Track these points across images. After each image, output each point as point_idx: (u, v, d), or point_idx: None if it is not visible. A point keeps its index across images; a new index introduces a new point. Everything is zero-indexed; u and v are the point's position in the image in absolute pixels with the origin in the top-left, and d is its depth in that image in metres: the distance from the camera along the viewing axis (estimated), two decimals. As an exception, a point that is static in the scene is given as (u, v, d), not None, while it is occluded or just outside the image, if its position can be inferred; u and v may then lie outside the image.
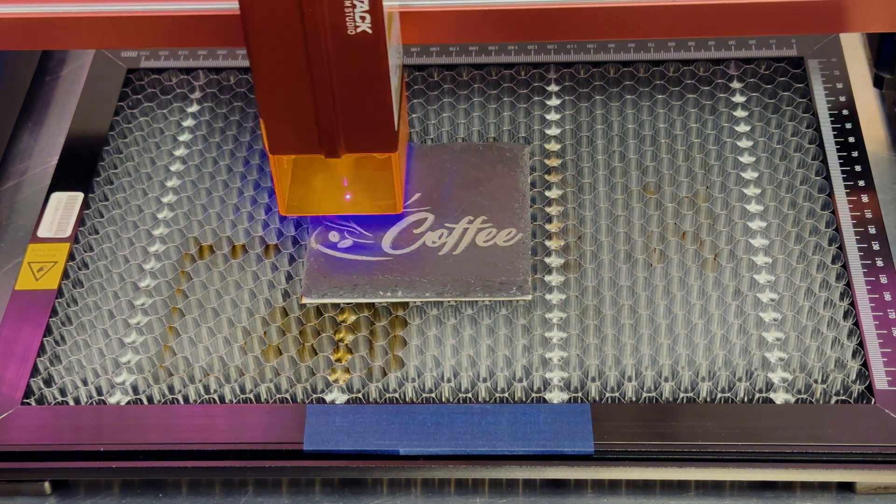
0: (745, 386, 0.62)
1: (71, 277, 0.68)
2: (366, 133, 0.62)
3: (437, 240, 0.68)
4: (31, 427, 0.62)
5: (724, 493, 0.61)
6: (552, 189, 0.72)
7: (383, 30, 0.58)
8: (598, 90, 0.77)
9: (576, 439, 0.60)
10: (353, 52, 0.58)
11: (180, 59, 0.80)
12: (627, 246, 0.68)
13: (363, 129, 0.62)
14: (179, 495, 0.62)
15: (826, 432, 0.60)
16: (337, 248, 0.68)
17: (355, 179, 0.67)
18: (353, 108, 0.61)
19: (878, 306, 0.65)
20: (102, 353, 0.65)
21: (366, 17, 0.57)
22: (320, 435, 0.61)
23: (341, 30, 0.57)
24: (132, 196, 0.73)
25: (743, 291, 0.66)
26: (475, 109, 0.76)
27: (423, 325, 0.65)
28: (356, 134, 0.62)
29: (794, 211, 0.69)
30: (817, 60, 0.77)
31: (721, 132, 0.74)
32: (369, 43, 0.58)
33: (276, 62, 0.59)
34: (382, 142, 0.63)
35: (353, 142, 0.62)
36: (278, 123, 0.61)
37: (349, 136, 0.62)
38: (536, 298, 0.66)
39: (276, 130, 0.62)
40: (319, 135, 0.62)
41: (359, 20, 0.57)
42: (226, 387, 0.63)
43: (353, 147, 0.63)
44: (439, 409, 0.61)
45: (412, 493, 0.62)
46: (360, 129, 0.62)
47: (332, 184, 0.68)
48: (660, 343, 0.64)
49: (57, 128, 0.82)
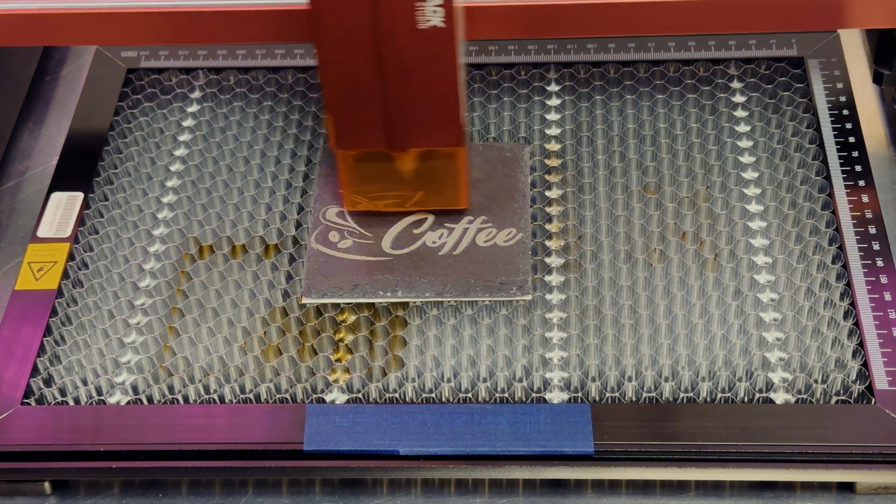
0: (745, 386, 0.62)
1: (71, 277, 0.68)
2: (434, 127, 0.62)
3: (437, 240, 0.68)
4: (31, 427, 0.62)
5: (724, 493, 0.61)
6: (552, 189, 0.72)
7: (455, 24, 0.57)
8: (599, 90, 0.77)
9: (576, 439, 0.60)
10: (425, 46, 0.58)
11: (180, 59, 0.80)
12: (627, 246, 0.68)
13: (431, 124, 0.62)
14: (179, 495, 0.62)
15: (826, 432, 0.60)
16: (337, 248, 0.68)
17: (419, 174, 0.67)
18: (421, 102, 0.60)
19: (878, 306, 0.65)
20: (102, 353, 0.65)
21: (438, 11, 0.57)
22: (320, 435, 0.61)
23: (412, 24, 0.57)
24: (132, 196, 0.73)
25: (743, 291, 0.66)
26: (475, 109, 0.76)
27: (423, 325, 0.65)
28: (424, 128, 0.62)
29: (794, 211, 0.69)
30: (817, 60, 0.77)
31: (721, 132, 0.74)
32: (441, 37, 0.58)
33: (345, 57, 0.58)
34: (450, 136, 0.63)
35: (421, 136, 0.62)
36: (344, 118, 0.61)
37: (417, 131, 0.62)
38: (536, 298, 0.66)
39: (342, 125, 0.62)
40: (386, 129, 0.62)
41: (430, 14, 0.57)
42: (226, 387, 0.63)
43: (420, 142, 0.63)
44: (439, 409, 0.61)
45: (412, 493, 0.62)
46: (428, 124, 0.62)
47: (396, 180, 0.67)
48: (660, 343, 0.64)
49: (57, 128, 0.81)
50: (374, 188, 0.67)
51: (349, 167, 0.66)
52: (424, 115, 0.61)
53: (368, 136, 0.62)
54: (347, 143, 0.63)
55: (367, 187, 0.67)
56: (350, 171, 0.66)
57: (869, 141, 0.74)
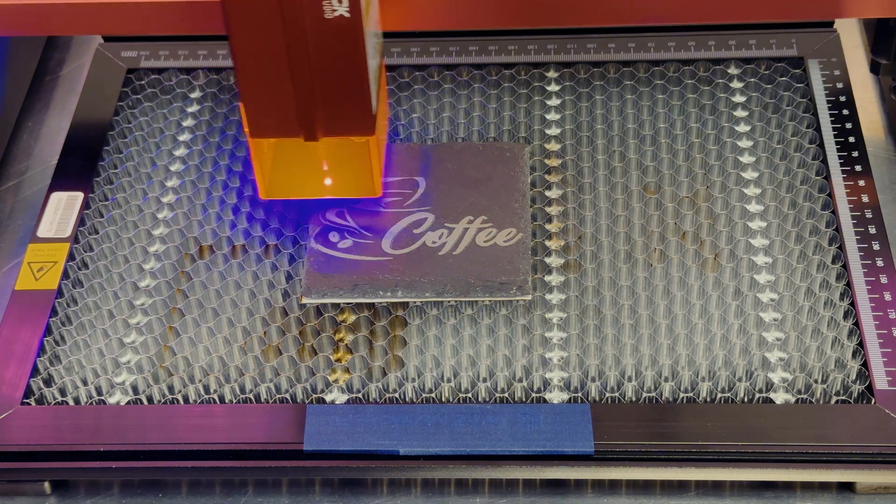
0: (745, 386, 0.62)
1: (71, 277, 0.68)
2: (344, 116, 0.62)
3: (437, 240, 0.68)
4: (31, 427, 0.62)
5: (724, 493, 0.61)
6: (552, 189, 0.72)
7: (360, 13, 0.58)
8: (598, 90, 0.77)
9: (576, 439, 0.60)
10: (331, 35, 0.59)
11: (180, 59, 0.80)
12: (627, 246, 0.68)
13: (341, 113, 0.62)
14: (179, 495, 0.62)
15: (826, 432, 0.60)
16: (337, 248, 0.68)
17: (335, 163, 0.67)
18: (331, 91, 0.61)
19: (878, 306, 0.65)
20: (102, 353, 0.65)
21: (343, 0, 0.57)
22: (320, 435, 0.61)
23: (319, 13, 0.58)
24: (132, 196, 0.73)
25: (743, 291, 0.66)
26: (475, 109, 0.76)
27: (423, 325, 0.65)
28: (334, 117, 0.62)
29: (794, 211, 0.69)
30: (817, 60, 0.77)
31: (721, 132, 0.74)
32: (346, 26, 0.59)
33: (255, 45, 0.59)
34: (360, 125, 0.63)
35: (332, 125, 0.63)
36: (258, 107, 0.62)
37: (327, 120, 0.62)
38: (536, 298, 0.66)
39: (255, 114, 0.62)
40: (298, 118, 0.62)
41: (336, 4, 0.58)
42: (226, 387, 0.63)
43: (331, 130, 0.63)
44: (439, 409, 0.61)
45: (412, 493, 0.62)
46: (338, 113, 0.62)
47: (312, 168, 0.67)
48: (660, 343, 0.64)
49: (57, 128, 0.82)
50: (289, 176, 0.67)
51: (264, 157, 0.66)
52: (335, 104, 0.62)
53: (282, 124, 0.63)
54: (261, 131, 0.63)
55: (283, 176, 0.67)
56: (265, 160, 0.66)
57: (869, 141, 0.74)
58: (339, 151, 0.66)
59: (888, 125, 0.79)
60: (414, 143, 0.74)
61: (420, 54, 0.79)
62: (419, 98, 0.77)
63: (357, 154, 0.65)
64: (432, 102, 0.77)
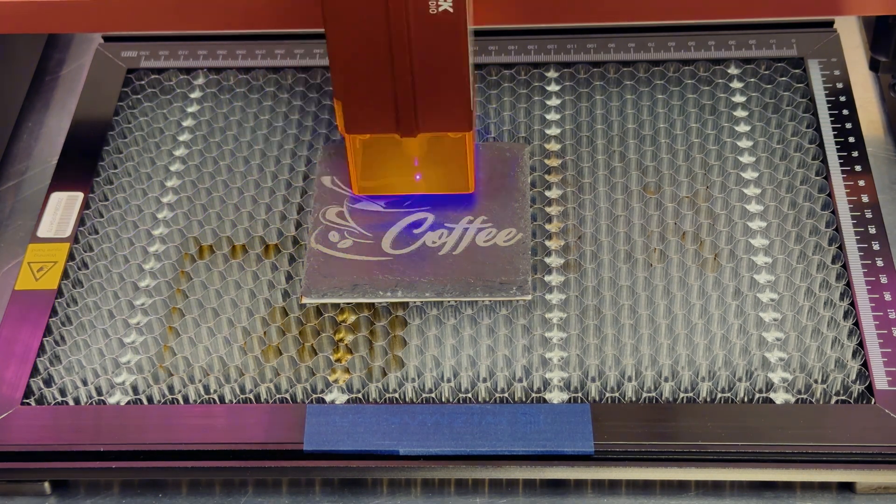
0: (745, 386, 0.62)
1: (71, 277, 0.68)
2: (443, 112, 0.63)
3: (437, 240, 0.68)
4: (31, 427, 0.62)
5: (724, 493, 0.61)
6: (552, 189, 0.72)
7: (464, 9, 0.58)
8: (598, 90, 0.77)
9: (576, 439, 0.60)
10: (434, 30, 0.59)
11: (180, 59, 0.80)
12: (627, 246, 0.68)
13: (440, 109, 0.62)
14: (179, 495, 0.62)
15: (826, 432, 0.60)
16: (337, 248, 0.68)
17: (428, 159, 0.67)
18: (431, 87, 0.61)
19: (878, 306, 0.65)
20: (102, 353, 0.65)
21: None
22: (320, 435, 0.61)
23: (423, 8, 0.58)
24: (132, 196, 0.73)
25: (743, 291, 0.66)
26: (475, 109, 0.76)
27: (423, 325, 0.65)
28: (433, 113, 0.63)
29: (794, 211, 0.69)
30: (817, 60, 0.77)
31: (721, 132, 0.74)
32: (450, 22, 0.59)
33: (355, 41, 0.59)
34: (458, 121, 0.63)
35: (430, 121, 0.63)
36: (354, 103, 0.62)
37: (426, 116, 0.63)
38: (536, 298, 0.66)
39: (351, 110, 0.62)
40: (396, 114, 0.62)
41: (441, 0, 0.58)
42: (226, 387, 0.63)
43: (429, 126, 0.63)
44: (439, 409, 0.61)
45: (412, 493, 0.62)
46: (437, 109, 0.62)
47: (404, 164, 0.68)
48: (660, 343, 0.64)
49: (57, 128, 0.82)
50: (383, 173, 0.68)
51: (358, 152, 0.66)
52: (434, 100, 0.62)
53: (378, 120, 0.63)
54: (357, 127, 0.63)
55: (376, 172, 0.67)
56: (359, 155, 0.66)
57: (869, 141, 0.74)
58: (433, 147, 0.66)
59: (888, 125, 0.79)
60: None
61: (420, 54, 0.79)
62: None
63: (452, 149, 0.66)
64: (432, 102, 0.77)
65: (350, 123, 0.63)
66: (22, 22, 0.68)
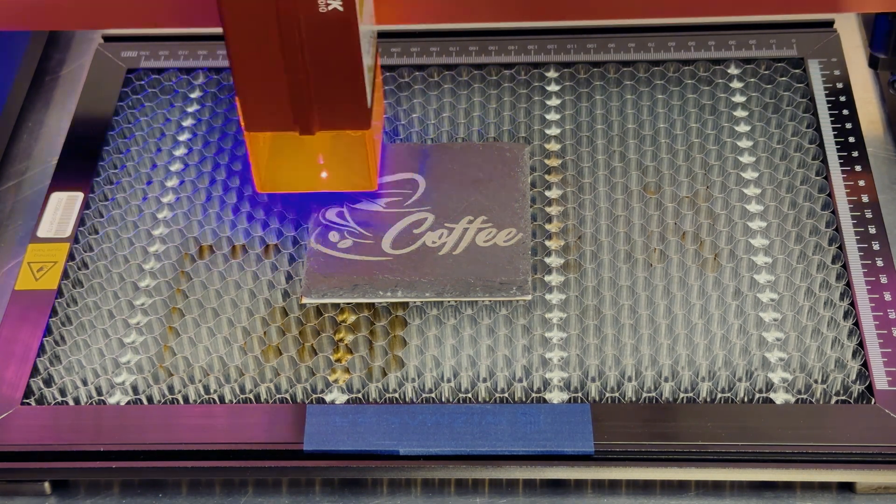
0: (745, 386, 0.62)
1: (71, 277, 0.68)
2: (339, 110, 0.63)
3: (437, 240, 0.68)
4: (31, 427, 0.62)
5: (724, 493, 0.61)
6: (552, 189, 0.72)
7: (354, 7, 0.58)
8: (598, 90, 0.77)
9: (576, 439, 0.60)
10: (325, 29, 0.59)
11: (180, 59, 0.80)
12: (627, 246, 0.68)
13: (336, 107, 0.63)
14: (179, 495, 0.62)
15: (826, 432, 0.60)
16: (337, 248, 0.68)
17: (331, 157, 0.67)
18: (325, 85, 0.62)
19: (878, 306, 0.65)
20: (102, 353, 0.65)
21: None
22: (320, 435, 0.61)
23: (313, 7, 0.58)
24: (132, 196, 0.73)
25: (743, 291, 0.66)
26: (475, 109, 0.76)
27: (423, 325, 0.65)
28: (329, 111, 0.63)
29: (794, 211, 0.69)
30: (817, 60, 0.77)
31: (721, 132, 0.74)
32: (340, 20, 0.59)
33: (250, 39, 0.60)
34: (355, 119, 0.63)
35: (327, 119, 0.63)
36: (253, 101, 0.62)
37: (322, 114, 0.63)
38: (536, 298, 0.66)
39: (251, 108, 0.63)
40: (294, 112, 0.62)
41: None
42: (226, 387, 0.63)
43: (326, 124, 0.63)
44: (439, 409, 0.61)
45: (412, 493, 0.62)
46: (333, 107, 0.63)
47: (308, 161, 0.68)
48: (660, 343, 0.64)
49: (57, 128, 0.81)
50: (286, 170, 0.68)
51: (260, 150, 0.66)
52: (330, 98, 0.62)
53: (277, 118, 0.63)
54: (257, 125, 0.64)
55: (279, 169, 0.67)
56: (261, 154, 0.66)
57: (869, 141, 0.74)
58: (335, 145, 0.66)
59: (888, 125, 0.79)
60: (414, 143, 0.74)
61: (420, 54, 0.79)
62: (419, 98, 0.77)
63: (353, 148, 0.66)
64: (432, 102, 0.77)
65: (250, 121, 0.63)
66: (21, 20, 0.68)
